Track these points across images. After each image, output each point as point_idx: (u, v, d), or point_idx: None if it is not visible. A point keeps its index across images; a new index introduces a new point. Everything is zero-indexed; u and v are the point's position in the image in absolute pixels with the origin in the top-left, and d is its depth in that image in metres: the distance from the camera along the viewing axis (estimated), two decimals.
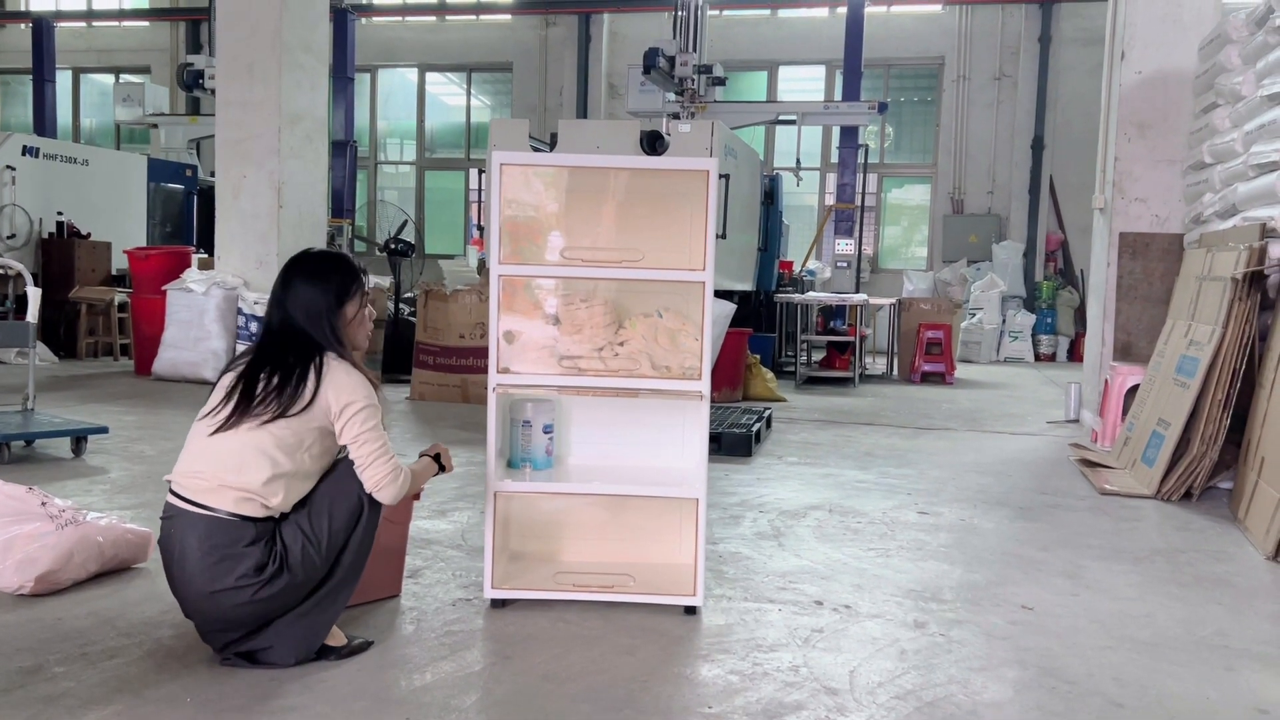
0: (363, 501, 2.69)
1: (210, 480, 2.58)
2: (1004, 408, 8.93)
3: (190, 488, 2.61)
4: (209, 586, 2.55)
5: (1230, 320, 5.03)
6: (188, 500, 2.60)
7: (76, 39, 19.25)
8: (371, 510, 2.72)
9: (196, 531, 2.56)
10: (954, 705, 2.58)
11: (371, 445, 2.66)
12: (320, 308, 2.72)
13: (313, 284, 2.74)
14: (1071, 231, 15.69)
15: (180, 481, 2.64)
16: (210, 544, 2.54)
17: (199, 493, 2.59)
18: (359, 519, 2.70)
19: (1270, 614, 3.43)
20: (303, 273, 2.77)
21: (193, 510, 2.58)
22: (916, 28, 16.43)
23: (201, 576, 2.55)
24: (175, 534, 2.60)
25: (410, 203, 18.52)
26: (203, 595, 2.57)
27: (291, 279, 2.76)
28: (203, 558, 2.54)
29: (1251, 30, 5.82)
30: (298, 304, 2.72)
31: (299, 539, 2.61)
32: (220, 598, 2.55)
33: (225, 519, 2.56)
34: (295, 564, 2.59)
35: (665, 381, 3.18)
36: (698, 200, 3.12)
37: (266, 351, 2.70)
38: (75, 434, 5.44)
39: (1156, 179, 7.02)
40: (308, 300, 2.72)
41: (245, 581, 2.54)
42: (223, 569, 2.53)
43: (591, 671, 2.71)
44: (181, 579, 2.59)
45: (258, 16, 9.07)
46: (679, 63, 10.81)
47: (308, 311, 2.71)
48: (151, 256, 9.79)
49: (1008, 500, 5.07)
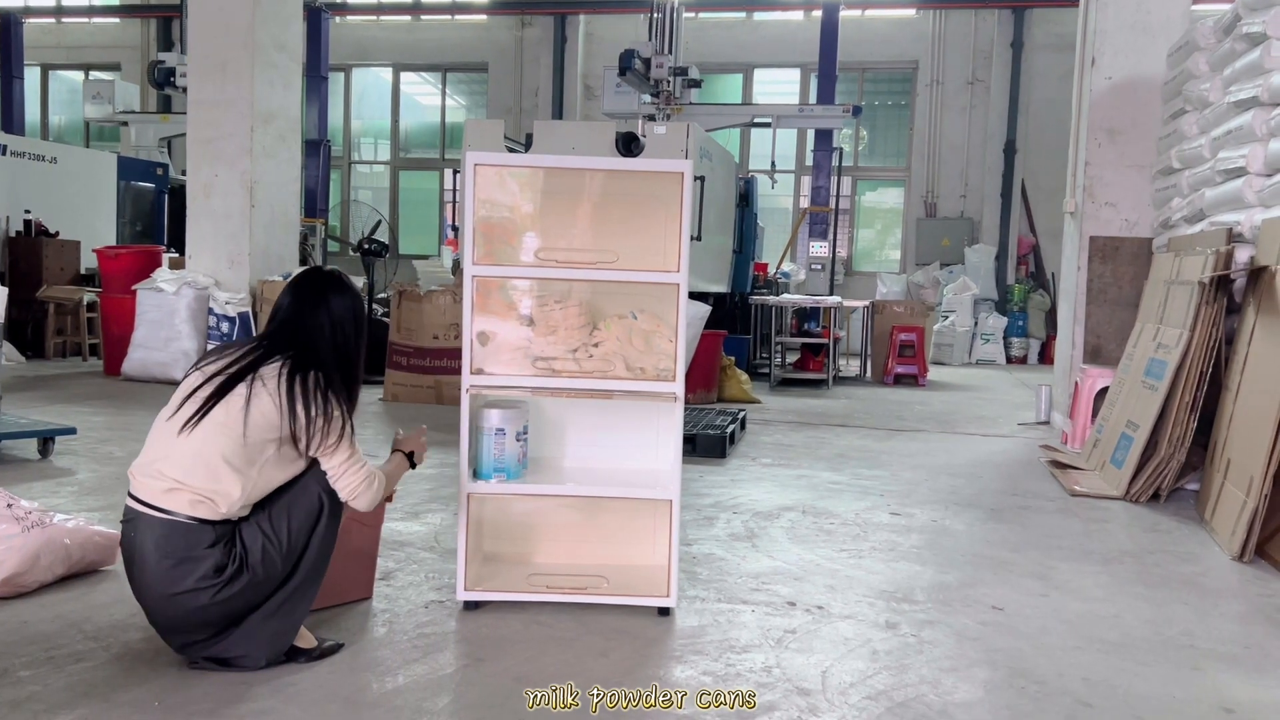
0: (322, 500, 2.67)
1: (165, 482, 2.54)
2: (976, 410, 9.00)
3: (147, 489, 2.56)
4: (168, 589, 2.51)
5: (1198, 324, 5.09)
6: (144, 503, 2.56)
7: (45, 35, 19.02)
8: (332, 508, 2.69)
9: (154, 535, 2.53)
10: (925, 705, 2.60)
11: (340, 456, 2.65)
12: (348, 332, 2.74)
13: (339, 303, 2.75)
14: (1043, 235, 15.86)
15: (139, 482, 2.60)
16: (167, 548, 2.51)
17: (156, 495, 2.55)
18: (319, 518, 2.67)
19: (1236, 614, 3.47)
20: (334, 288, 2.77)
21: (150, 513, 2.54)
22: (890, 32, 16.55)
23: (160, 580, 2.52)
24: (135, 538, 2.57)
25: (384, 203, 18.44)
26: (163, 598, 2.53)
27: (326, 294, 2.75)
28: (159, 561, 2.51)
29: (1219, 37, 5.90)
30: (322, 321, 2.72)
31: (259, 539, 2.58)
32: (180, 600, 2.52)
33: (183, 522, 2.52)
34: (255, 564, 2.57)
35: (639, 383, 3.18)
36: (672, 202, 3.13)
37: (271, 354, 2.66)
38: (42, 435, 5.37)
39: (1126, 184, 7.10)
40: (336, 319, 2.73)
41: (205, 583, 2.51)
42: (180, 572, 2.50)
43: (565, 674, 2.71)
44: (142, 582, 2.56)
45: (230, 14, 9.01)
46: (655, 64, 10.84)
47: (334, 332, 2.72)
48: (121, 255, 9.68)
49: (979, 502, 5.11)
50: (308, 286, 2.78)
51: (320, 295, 2.76)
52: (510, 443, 3.20)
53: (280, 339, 2.70)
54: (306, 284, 2.79)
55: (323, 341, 2.71)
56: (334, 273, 2.87)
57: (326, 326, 2.72)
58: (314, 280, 2.80)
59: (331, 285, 2.79)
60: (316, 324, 2.72)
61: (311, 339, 2.70)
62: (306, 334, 2.70)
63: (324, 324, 2.73)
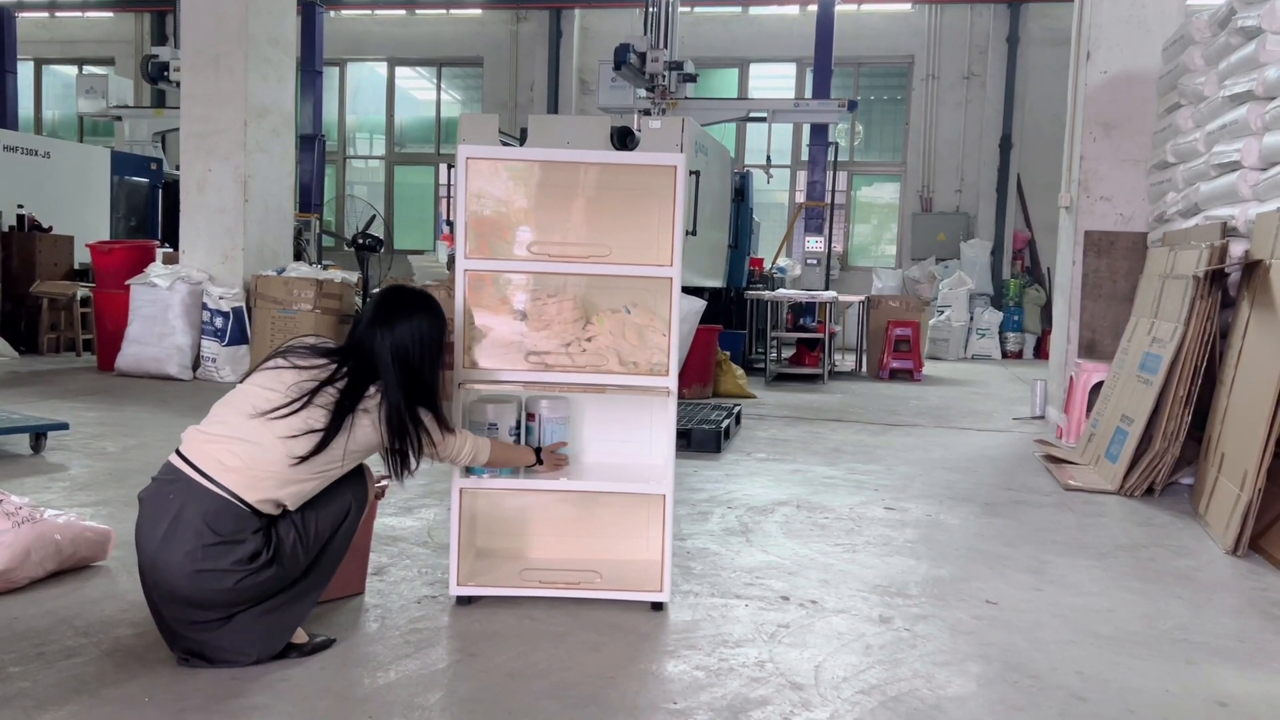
0: (349, 504, 2.71)
1: (237, 462, 2.51)
2: (971, 404, 9.00)
3: (210, 461, 2.52)
4: (196, 565, 2.46)
5: (1192, 318, 5.09)
6: (200, 471, 2.51)
7: (39, 29, 18.95)
8: (355, 512, 2.74)
9: (202, 507, 2.48)
10: (918, 700, 2.59)
11: (442, 451, 2.86)
12: (419, 349, 2.73)
13: (422, 325, 2.75)
14: (1038, 230, 15.86)
15: (199, 448, 2.55)
16: (217, 524, 2.47)
17: (221, 470, 2.51)
18: (343, 520, 2.71)
19: (1230, 608, 3.47)
20: (421, 309, 2.77)
21: (204, 484, 2.50)
22: (886, 26, 16.53)
23: (190, 554, 2.46)
24: (174, 500, 2.50)
25: (379, 198, 18.41)
26: (182, 571, 2.47)
27: (413, 313, 2.74)
28: (201, 534, 2.46)
29: (1214, 31, 5.89)
30: (407, 342, 2.71)
31: (291, 533, 2.59)
32: (204, 576, 2.47)
33: (238, 505, 2.49)
34: (285, 557, 2.57)
35: (633, 378, 3.17)
36: (667, 196, 3.12)
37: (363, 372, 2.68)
38: (34, 430, 5.35)
39: (1121, 178, 7.10)
40: (417, 342, 2.73)
41: (238, 567, 2.49)
42: (218, 551, 2.47)
43: (557, 668, 2.70)
44: (166, 547, 2.48)
45: (224, 8, 8.97)
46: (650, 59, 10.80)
47: (404, 350, 2.70)
48: (115, 250, 9.65)
49: (974, 496, 5.11)
50: (386, 304, 2.77)
51: (400, 315, 2.74)
52: (503, 437, 3.19)
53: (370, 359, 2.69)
54: (385, 302, 2.78)
55: (397, 365, 2.70)
56: (415, 293, 2.85)
57: (402, 349, 2.71)
58: (389, 299, 2.79)
59: (412, 305, 2.78)
60: (403, 346, 2.70)
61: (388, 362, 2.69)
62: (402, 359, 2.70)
63: (410, 345, 2.72)
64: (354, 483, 2.75)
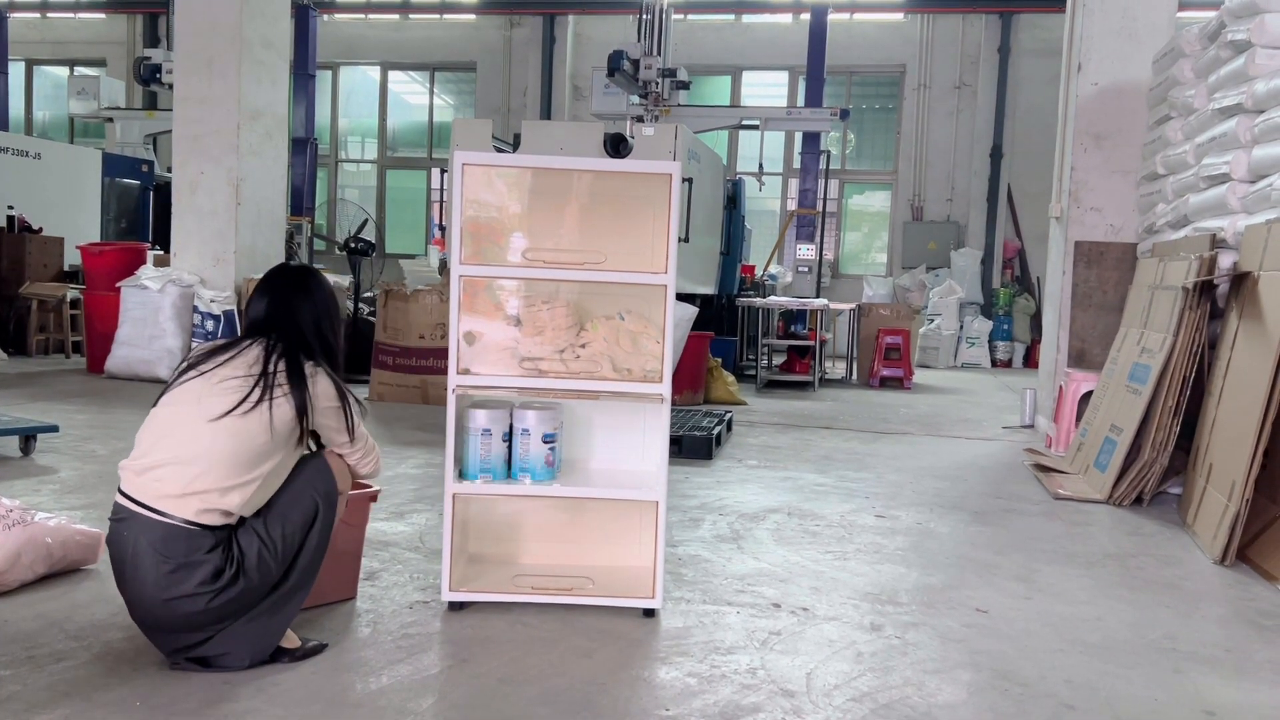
0: (318, 504, 2.70)
1: (170, 485, 2.51)
2: (961, 413, 9.03)
3: (146, 491, 2.53)
4: (164, 594, 2.49)
5: (1181, 329, 5.12)
6: (140, 504, 2.53)
7: (30, 30, 18.89)
8: (327, 513, 2.72)
9: (151, 538, 2.50)
10: (909, 707, 2.60)
11: (358, 443, 2.85)
12: (328, 319, 2.83)
13: (315, 294, 2.84)
14: (1029, 239, 15.93)
15: (133, 481, 2.57)
16: (166, 551, 2.48)
17: (157, 498, 2.52)
18: (314, 522, 2.70)
19: (1217, 617, 3.49)
20: (308, 281, 2.86)
21: (147, 515, 2.52)
22: (879, 36, 16.60)
23: (156, 584, 2.49)
24: (128, 537, 2.53)
25: (371, 201, 18.38)
26: (156, 602, 2.51)
27: (307, 284, 2.84)
28: (158, 564, 2.48)
29: (1204, 44, 5.94)
30: (305, 310, 2.79)
31: (255, 543, 2.58)
32: (174, 604, 2.50)
33: (183, 527, 2.50)
34: (251, 569, 2.56)
35: (626, 384, 3.18)
36: (660, 203, 3.13)
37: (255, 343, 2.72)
38: (24, 432, 5.33)
39: (1111, 189, 7.14)
40: (316, 308, 2.81)
41: (202, 589, 2.49)
42: (178, 576, 2.48)
43: (549, 674, 2.71)
44: (134, 583, 2.53)
45: (217, 11, 8.96)
46: (643, 66, 10.83)
47: (316, 320, 2.79)
48: (106, 252, 9.62)
49: (964, 504, 5.13)
50: (286, 281, 2.85)
51: (303, 289, 2.83)
52: (496, 443, 3.19)
53: (277, 333, 2.73)
54: (284, 279, 2.86)
55: (312, 334, 2.78)
56: (306, 267, 2.99)
57: (312, 319, 2.80)
58: (290, 275, 2.89)
59: (310, 278, 2.89)
60: (305, 317, 2.79)
61: (304, 331, 2.77)
62: (298, 327, 2.76)
63: (310, 317, 2.80)
64: (316, 480, 2.72)
